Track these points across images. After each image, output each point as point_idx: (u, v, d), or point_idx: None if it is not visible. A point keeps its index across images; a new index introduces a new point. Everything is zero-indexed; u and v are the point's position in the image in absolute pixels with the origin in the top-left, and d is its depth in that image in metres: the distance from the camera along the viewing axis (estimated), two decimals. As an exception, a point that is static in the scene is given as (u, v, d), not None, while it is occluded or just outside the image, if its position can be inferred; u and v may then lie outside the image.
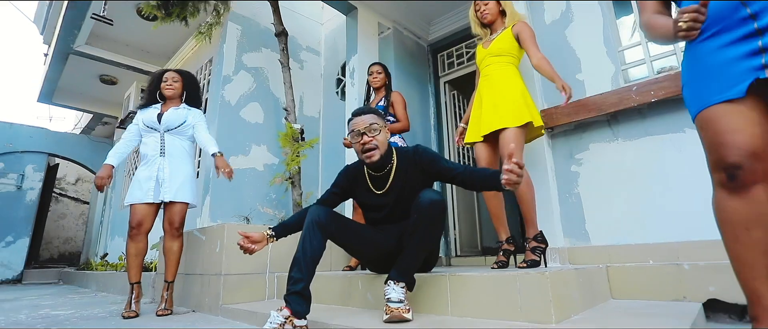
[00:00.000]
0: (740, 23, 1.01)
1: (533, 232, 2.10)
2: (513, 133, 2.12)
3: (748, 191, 1.01)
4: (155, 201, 2.57)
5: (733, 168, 1.02)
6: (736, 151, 1.01)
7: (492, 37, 2.42)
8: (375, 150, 1.79)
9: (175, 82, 2.78)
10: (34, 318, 2.61)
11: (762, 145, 1.00)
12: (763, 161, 1.00)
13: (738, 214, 1.03)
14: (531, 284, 1.48)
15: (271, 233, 1.85)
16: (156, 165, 2.62)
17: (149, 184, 2.58)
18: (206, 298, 2.58)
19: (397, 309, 1.54)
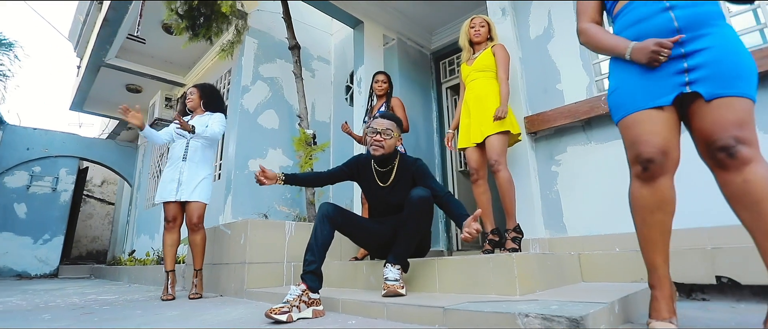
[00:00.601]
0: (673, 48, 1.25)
1: (512, 224, 2.43)
2: (497, 139, 2.46)
3: (656, 181, 1.29)
4: (178, 200, 2.95)
5: (647, 162, 1.28)
6: (652, 147, 1.27)
7: (475, 55, 2.76)
8: (381, 148, 2.22)
9: (191, 95, 3.19)
10: (86, 301, 3.03)
11: (671, 145, 1.28)
12: (670, 158, 1.28)
13: (646, 200, 1.31)
14: (500, 265, 1.82)
15: (282, 177, 2.28)
16: (178, 169, 3.01)
17: (172, 186, 2.98)
18: (232, 284, 2.97)
19: (393, 285, 1.89)
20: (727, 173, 1.18)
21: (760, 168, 1.14)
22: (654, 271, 1.34)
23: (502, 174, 2.43)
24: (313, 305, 1.83)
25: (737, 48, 1.23)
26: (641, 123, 1.31)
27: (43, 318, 2.18)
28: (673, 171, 1.32)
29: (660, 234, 1.32)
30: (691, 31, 1.25)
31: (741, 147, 1.15)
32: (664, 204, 1.30)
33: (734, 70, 1.20)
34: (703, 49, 1.23)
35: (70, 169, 7.77)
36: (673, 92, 1.26)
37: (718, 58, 1.21)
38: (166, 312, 2.25)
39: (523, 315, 1.30)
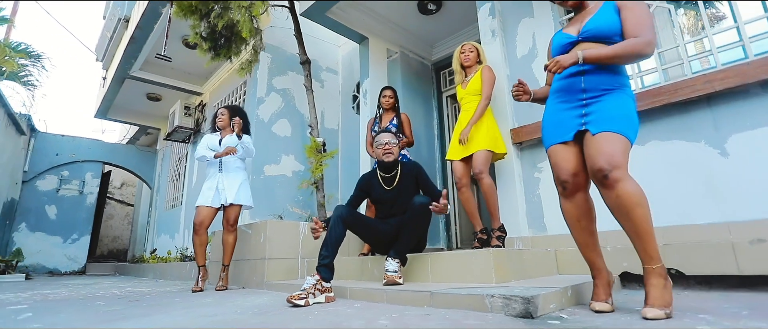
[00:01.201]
0: (576, 96, 1.68)
1: (497, 225, 2.80)
2: (483, 153, 2.84)
3: (573, 196, 1.71)
4: (215, 206, 3.37)
5: (563, 183, 1.72)
6: (565, 172, 1.70)
7: (467, 78, 3.14)
8: (391, 154, 2.77)
9: (222, 116, 3.60)
10: (126, 292, 3.46)
11: (578, 168, 1.69)
12: (580, 178, 1.69)
13: (570, 212, 1.73)
14: (480, 259, 2.19)
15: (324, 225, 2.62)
16: (216, 179, 3.43)
17: (210, 193, 3.39)
18: (254, 277, 3.38)
19: (392, 276, 2.28)
20: (605, 190, 1.55)
21: (628, 187, 1.49)
22: (592, 266, 1.74)
23: (485, 182, 2.80)
24: (326, 292, 2.22)
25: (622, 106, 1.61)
26: (556, 154, 1.76)
27: (99, 305, 2.60)
28: (586, 188, 1.74)
29: (589, 237, 1.73)
30: (593, 90, 1.66)
31: (613, 170, 1.50)
32: (585, 213, 1.73)
33: (614, 117, 1.58)
34: (595, 101, 1.65)
35: (94, 173, 8.28)
36: (574, 130, 1.68)
37: (605, 108, 1.63)
38: (201, 300, 2.66)
39: (490, 296, 1.67)
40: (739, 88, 2.24)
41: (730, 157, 2.27)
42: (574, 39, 1.77)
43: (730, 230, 2.17)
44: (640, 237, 1.49)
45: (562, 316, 1.58)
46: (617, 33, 1.68)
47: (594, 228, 1.72)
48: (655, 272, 1.49)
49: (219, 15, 3.59)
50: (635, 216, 1.48)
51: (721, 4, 2.68)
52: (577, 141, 1.69)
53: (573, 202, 1.71)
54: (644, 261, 1.51)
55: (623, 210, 1.50)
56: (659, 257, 1.50)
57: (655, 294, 1.46)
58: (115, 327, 1.70)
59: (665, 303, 1.43)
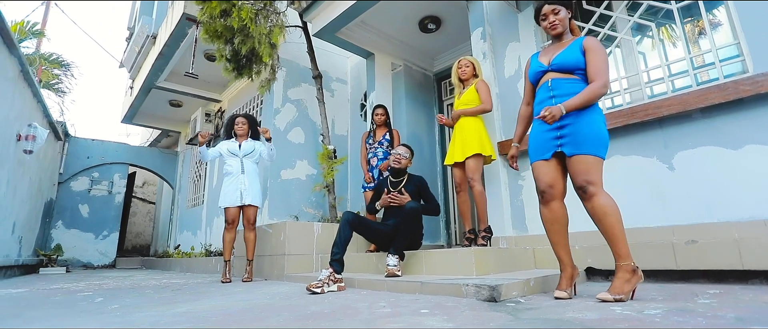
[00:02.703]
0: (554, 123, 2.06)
1: (484, 226, 3.26)
2: (474, 161, 3.29)
3: (550, 204, 2.14)
4: (240, 205, 3.89)
5: (541, 193, 2.15)
6: (543, 183, 2.14)
7: (463, 90, 3.58)
8: (398, 163, 3.44)
9: (243, 125, 4.11)
10: (163, 283, 4.00)
11: (556, 181, 2.11)
12: (556, 189, 2.12)
13: (546, 216, 2.17)
14: (464, 255, 2.66)
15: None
16: (239, 181, 3.94)
17: (236, 195, 3.90)
18: (274, 270, 3.90)
19: (392, 269, 2.76)
20: (585, 202, 1.98)
21: (600, 200, 1.91)
22: (560, 261, 2.16)
23: (477, 188, 3.26)
24: (337, 282, 2.72)
25: (590, 125, 1.99)
26: (538, 168, 2.19)
27: (149, 293, 3.13)
28: (561, 198, 2.17)
29: (560, 237, 2.16)
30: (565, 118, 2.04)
31: (589, 186, 1.94)
32: (558, 218, 2.16)
33: (584, 139, 1.98)
34: (569, 124, 2.04)
35: (122, 174, 8.92)
36: (552, 150, 2.11)
37: (576, 131, 2.01)
38: (233, 289, 3.18)
39: (465, 285, 2.15)
40: (682, 113, 2.66)
41: (676, 171, 2.70)
42: (545, 68, 2.20)
43: (674, 232, 2.60)
44: (611, 240, 1.89)
45: (519, 300, 2.05)
46: (579, 67, 2.09)
47: (565, 231, 2.14)
48: (622, 268, 1.85)
49: (242, 41, 4.08)
50: (607, 222, 1.88)
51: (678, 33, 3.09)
52: (556, 158, 2.10)
53: (549, 208, 2.14)
54: (615, 258, 1.89)
55: (597, 217, 1.92)
56: (627, 255, 1.86)
57: (616, 284, 1.83)
58: (178, 309, 2.21)
59: (620, 291, 1.79)
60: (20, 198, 5.45)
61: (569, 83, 2.09)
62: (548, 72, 2.18)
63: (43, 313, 2.15)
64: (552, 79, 2.14)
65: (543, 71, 2.20)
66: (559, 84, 2.11)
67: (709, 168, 2.56)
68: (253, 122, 4.22)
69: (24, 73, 4.82)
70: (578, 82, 2.09)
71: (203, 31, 4.33)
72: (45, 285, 4.01)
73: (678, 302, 1.81)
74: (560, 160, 2.12)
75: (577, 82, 2.09)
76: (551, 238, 2.18)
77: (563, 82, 2.10)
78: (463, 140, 3.39)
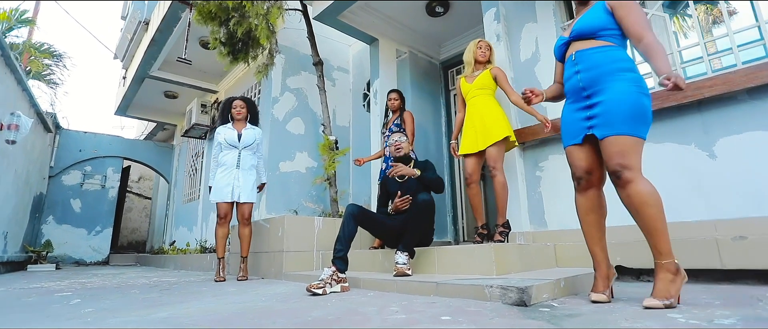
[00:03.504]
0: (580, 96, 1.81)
1: (502, 220, 2.98)
2: (495, 148, 3.00)
3: (586, 192, 1.87)
4: (232, 201, 3.61)
5: (577, 179, 1.88)
6: (579, 170, 1.86)
7: (475, 73, 3.29)
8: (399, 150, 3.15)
9: (242, 109, 3.82)
10: (154, 282, 3.74)
11: (592, 167, 1.83)
12: (593, 176, 1.84)
13: (582, 206, 1.89)
14: (482, 253, 2.39)
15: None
16: (232, 175, 3.65)
17: (228, 189, 3.62)
18: (272, 268, 3.63)
19: (402, 268, 2.49)
20: (619, 189, 1.69)
21: (638, 187, 1.61)
22: (594, 258, 1.88)
23: (498, 179, 2.96)
24: (341, 282, 2.44)
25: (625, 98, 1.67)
26: (571, 154, 1.91)
27: (135, 293, 2.86)
28: (599, 185, 1.88)
29: (595, 231, 1.88)
30: (590, 88, 1.78)
31: (624, 171, 1.63)
32: (595, 207, 1.87)
33: (618, 116, 1.67)
34: (598, 102, 1.75)
35: (115, 168, 8.64)
36: (582, 133, 1.82)
37: (608, 109, 1.71)
38: (227, 289, 2.91)
39: (489, 287, 1.87)
40: (726, 95, 2.39)
41: (718, 159, 2.42)
42: (566, 40, 1.92)
43: (716, 227, 2.33)
44: (650, 234, 1.60)
45: (553, 305, 1.78)
46: (604, 28, 1.80)
47: (602, 223, 1.86)
48: (664, 267, 1.58)
49: (238, 22, 3.79)
50: (645, 214, 1.59)
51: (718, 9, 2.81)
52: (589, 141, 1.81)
53: (585, 197, 1.86)
54: (655, 256, 1.61)
55: (634, 208, 1.63)
56: (669, 253, 1.59)
57: (659, 286, 1.57)
58: (159, 314, 1.94)
59: (667, 294, 1.54)
60: (4, 191, 5.17)
61: (596, 53, 1.80)
62: (571, 42, 1.90)
63: (6, 318, 1.88)
64: (576, 50, 1.85)
65: (566, 43, 1.92)
66: (583, 56, 1.82)
67: (757, 156, 2.29)
68: (253, 107, 3.93)
69: (5, 58, 4.53)
70: (607, 49, 1.79)
71: (196, 12, 4.04)
72: (26, 284, 3.74)
73: (743, 308, 1.54)
74: (593, 144, 1.83)
75: (607, 50, 1.79)
76: (586, 231, 1.90)
77: (588, 52, 1.82)
78: (484, 126, 3.09)
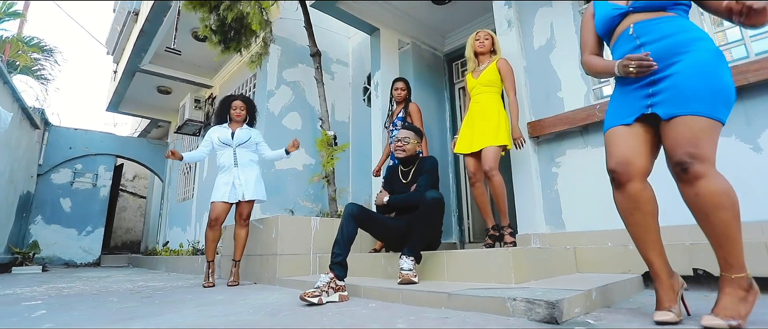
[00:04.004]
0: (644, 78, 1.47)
1: (507, 222, 2.73)
2: (492, 149, 2.76)
3: (625, 187, 1.49)
4: (232, 201, 3.33)
5: (611, 172, 1.52)
6: (613, 158, 1.51)
7: (480, 67, 3.03)
8: (402, 152, 2.83)
9: (242, 111, 3.54)
10: (138, 287, 3.47)
11: (633, 155, 1.47)
12: (633, 166, 1.47)
13: (622, 204, 1.52)
14: (499, 257, 2.12)
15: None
16: (232, 174, 3.38)
17: (226, 189, 3.35)
18: (265, 273, 3.35)
19: (407, 274, 2.22)
20: (683, 185, 1.35)
21: (710, 185, 1.27)
22: (650, 267, 1.48)
23: (495, 180, 2.72)
24: (339, 291, 2.17)
25: (703, 71, 1.35)
26: (612, 137, 1.54)
27: (112, 302, 2.59)
28: (641, 177, 1.48)
29: (645, 233, 1.47)
30: (661, 62, 1.43)
31: (694, 163, 1.29)
32: (639, 204, 1.45)
33: (692, 92, 1.34)
34: (669, 75, 1.41)
35: (107, 166, 8.36)
36: (637, 113, 1.48)
37: (679, 82, 1.37)
38: (213, 297, 2.64)
39: (512, 299, 1.60)
40: (774, 80, 2.12)
41: (763, 153, 2.15)
42: (624, 9, 1.58)
43: (763, 230, 2.06)
44: (721, 243, 1.29)
45: (588, 322, 1.51)
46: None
47: (653, 223, 1.48)
48: (734, 281, 1.28)
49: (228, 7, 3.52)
50: (717, 220, 1.27)
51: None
52: (642, 123, 1.48)
53: (624, 193, 1.48)
54: (723, 268, 1.32)
55: (703, 211, 1.29)
56: (742, 266, 1.29)
57: (725, 303, 1.27)
58: (125, 327, 1.67)
59: (735, 314, 1.24)
60: (-15, 189, 4.90)
61: (663, 22, 1.49)
62: (628, 14, 1.60)
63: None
64: (636, 22, 1.53)
65: (622, 14, 1.59)
66: (646, 27, 1.50)
67: (810, 148, 2.02)
68: (252, 108, 3.66)
69: (-18, 48, 4.25)
70: (676, 19, 1.49)
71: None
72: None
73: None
74: (649, 128, 1.49)
75: (675, 19, 1.49)
76: (633, 234, 1.51)
77: (652, 22, 1.50)
78: (482, 127, 2.86)
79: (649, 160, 1.51)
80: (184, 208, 7.49)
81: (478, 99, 2.94)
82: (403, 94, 3.84)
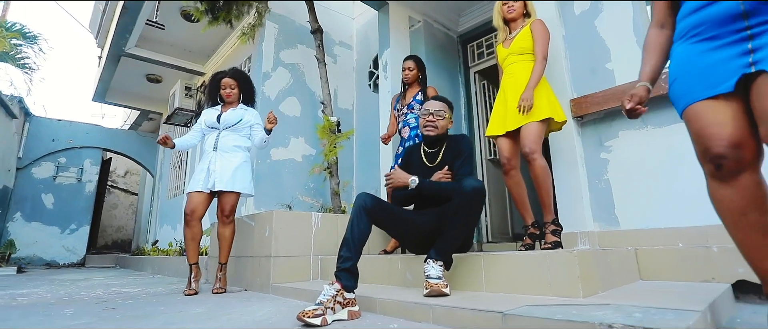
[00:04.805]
0: (733, 27, 1.08)
1: (551, 217, 2.20)
2: (534, 126, 2.23)
3: (736, 179, 1.09)
4: (204, 190, 2.82)
5: (718, 158, 1.09)
6: (720, 142, 1.08)
7: (512, 35, 2.51)
8: (434, 128, 2.21)
9: (232, 90, 3.01)
10: (109, 294, 2.96)
11: (743, 136, 1.08)
12: (745, 150, 1.08)
13: (732, 202, 1.11)
14: (560, 262, 1.61)
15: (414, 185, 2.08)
16: (208, 159, 2.87)
17: (201, 176, 2.84)
18: (257, 278, 2.85)
19: (436, 284, 1.71)
20: None
21: None
22: (764, 279, 1.12)
23: (538, 164, 2.19)
24: (348, 306, 1.67)
25: None
26: (703, 114, 1.13)
27: (66, 314, 2.09)
28: (757, 164, 1.11)
29: (762, 237, 1.09)
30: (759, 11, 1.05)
31: None
32: (756, 202, 1.09)
33: None
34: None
35: (94, 160, 7.84)
36: (736, 75, 1.06)
37: None
38: (190, 309, 2.13)
39: (606, 326, 1.10)
40: None
41: None
42: None
43: None
44: None
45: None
46: None
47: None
48: None
49: (215, -33, 3.02)
50: None
51: None
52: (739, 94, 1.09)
53: (735, 188, 1.09)
54: None
55: None
56: None
57: None
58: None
59: None
60: (-53, 182, 4.38)
61: None
62: None
63: None
64: None
65: None
66: None
67: None
68: (246, 84, 3.13)
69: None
70: None
71: (167, -39, 3.25)
72: (-55, 297, 2.95)
73: None
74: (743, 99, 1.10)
75: None
76: (743, 240, 1.13)
77: None
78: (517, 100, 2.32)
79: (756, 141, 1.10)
80: (175, 205, 6.98)
81: (511, 70, 2.42)
82: (414, 73, 3.31)
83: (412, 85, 3.35)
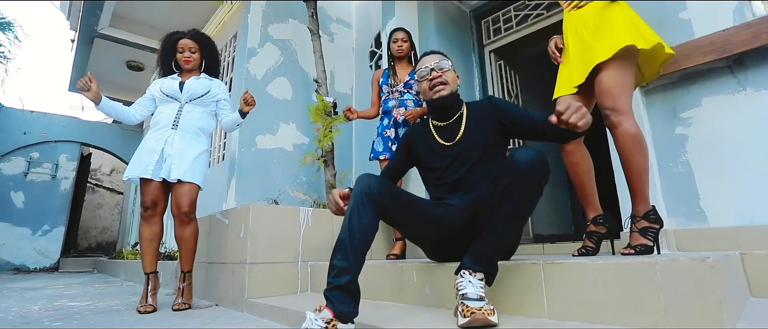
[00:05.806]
0: None
1: (644, 208, 1.57)
2: (615, 72, 1.56)
3: None
4: (155, 178, 2.22)
5: None
6: None
7: None
8: (445, 85, 1.57)
9: (193, 54, 2.42)
10: (47, 310, 2.36)
11: None
12: None
13: None
14: (680, 276, 1.01)
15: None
16: (164, 138, 2.26)
17: (151, 158, 2.23)
18: (229, 291, 2.24)
19: (480, 309, 1.11)
20: None
21: None
22: None
23: (625, 128, 1.53)
24: (344, 342, 1.07)
25: None
26: None
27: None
28: None
29: None
30: None
31: None
32: None
33: None
34: None
35: (71, 155, 7.22)
36: None
37: None
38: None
39: None
40: None
41: None
42: None
43: None
44: None
45: None
46: None
47: None
48: None
49: None
50: None
51: None
52: None
53: None
54: None
55: None
56: None
57: None
58: None
59: None
60: None
61: None
62: None
63: None
64: None
65: None
66: None
67: None
68: (210, 49, 2.55)
69: None
70: None
71: None
72: None
73: None
74: None
75: None
76: None
77: None
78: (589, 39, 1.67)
79: None
80: (156, 203, 6.37)
81: (573, 15, 1.79)
82: (406, 46, 2.79)
83: (402, 60, 2.82)
